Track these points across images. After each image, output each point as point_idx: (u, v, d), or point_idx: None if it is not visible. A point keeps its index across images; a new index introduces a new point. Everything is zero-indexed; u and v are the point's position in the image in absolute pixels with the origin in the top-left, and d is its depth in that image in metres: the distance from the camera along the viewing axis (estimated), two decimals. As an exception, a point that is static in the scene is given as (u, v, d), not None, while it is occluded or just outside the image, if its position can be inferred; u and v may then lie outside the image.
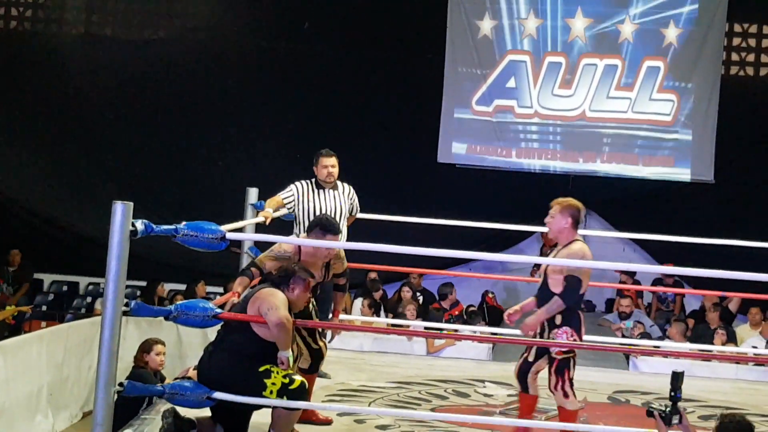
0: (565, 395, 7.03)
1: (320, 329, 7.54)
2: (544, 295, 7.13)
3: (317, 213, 8.86)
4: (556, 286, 7.03)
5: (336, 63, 16.54)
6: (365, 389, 8.58)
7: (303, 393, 6.72)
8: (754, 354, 11.54)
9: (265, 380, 6.63)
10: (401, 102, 16.32)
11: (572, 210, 7.14)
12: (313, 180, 9.13)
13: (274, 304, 6.63)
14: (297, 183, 9.12)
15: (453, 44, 16.47)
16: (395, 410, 6.98)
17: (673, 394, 5.84)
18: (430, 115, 16.38)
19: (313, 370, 7.62)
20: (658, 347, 11.80)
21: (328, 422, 7.52)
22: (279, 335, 6.62)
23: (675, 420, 5.76)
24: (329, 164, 9.10)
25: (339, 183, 9.14)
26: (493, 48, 16.46)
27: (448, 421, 7.81)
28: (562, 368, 7.03)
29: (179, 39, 16.81)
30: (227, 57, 16.70)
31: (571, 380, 7.07)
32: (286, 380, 6.65)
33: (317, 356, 7.58)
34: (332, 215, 8.89)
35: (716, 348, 11.90)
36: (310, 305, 7.41)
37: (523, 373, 7.20)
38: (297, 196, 9.01)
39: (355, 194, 9.20)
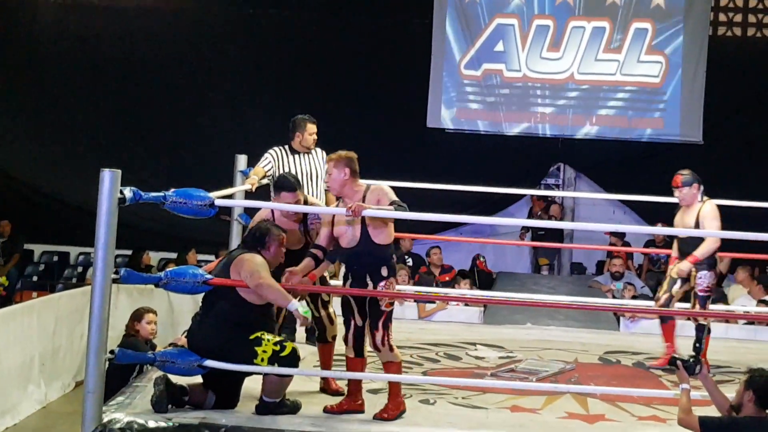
0: (391, 348, 6.95)
1: (325, 298, 7.53)
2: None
3: (298, 175, 8.89)
4: (379, 234, 6.89)
5: (323, 29, 16.49)
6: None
7: (295, 359, 6.74)
8: (744, 312, 11.57)
9: (256, 348, 6.66)
10: (389, 67, 16.28)
11: (346, 161, 6.99)
12: (287, 146, 9.13)
13: (253, 270, 6.66)
14: (271, 150, 9.12)
15: (440, 8, 16.43)
16: (387, 375, 6.99)
17: (697, 345, 5.99)
18: (418, 80, 16.36)
19: (322, 340, 7.62)
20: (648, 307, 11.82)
21: (340, 393, 7.39)
22: (269, 296, 6.65)
23: (698, 369, 5.88)
24: (314, 131, 9.12)
25: (313, 148, 9.18)
26: (481, 12, 16.43)
27: (440, 384, 7.83)
28: (388, 321, 6.93)
29: (164, 6, 16.73)
30: (212, 24, 16.65)
31: (391, 334, 6.96)
32: (277, 347, 6.68)
33: (320, 325, 7.58)
34: (310, 179, 8.96)
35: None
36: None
37: (358, 337, 7.05)
38: (275, 162, 9.03)
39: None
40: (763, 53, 16.37)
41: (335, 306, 7.55)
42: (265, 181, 9.10)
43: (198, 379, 6.85)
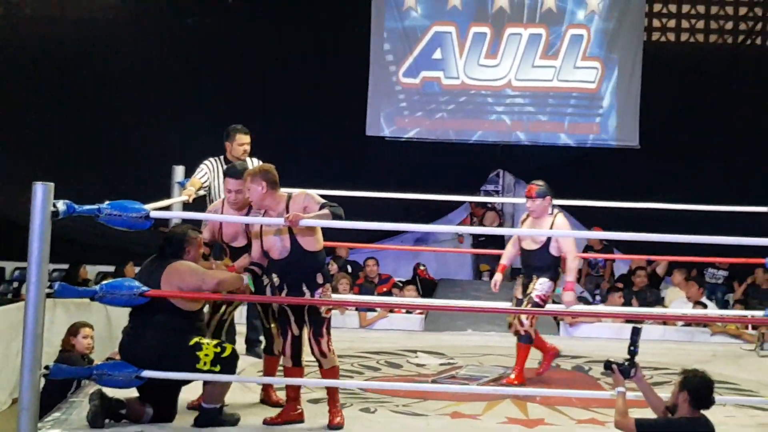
0: (333, 353, 7.04)
1: (274, 312, 7.48)
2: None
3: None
4: (310, 243, 6.94)
5: (262, 38, 16.43)
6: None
7: (235, 359, 6.78)
8: (683, 314, 11.70)
9: (198, 353, 6.67)
10: (328, 76, 16.25)
11: (262, 173, 7.00)
12: (222, 157, 9.10)
13: (198, 275, 6.71)
14: (206, 161, 9.09)
15: (378, 17, 16.46)
16: (327, 380, 6.99)
17: (631, 348, 6.03)
18: (357, 88, 16.36)
19: (269, 352, 7.61)
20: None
21: (281, 405, 7.37)
22: (229, 287, 6.85)
23: (632, 372, 5.93)
24: (246, 141, 9.07)
25: (248, 158, 9.14)
26: (419, 20, 16.47)
27: (380, 390, 7.85)
28: (329, 328, 7.01)
29: (99, 16, 16.60)
30: (151, 34, 16.53)
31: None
32: (218, 349, 6.71)
33: (269, 338, 7.58)
34: None
35: (645, 310, 12.06)
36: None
37: (295, 346, 7.10)
38: (210, 174, 9.00)
39: None
40: (696, 58, 16.56)
41: None
42: (202, 192, 9.06)
43: (135, 393, 6.81)
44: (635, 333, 6.07)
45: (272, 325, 7.52)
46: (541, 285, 8.61)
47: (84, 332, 9.37)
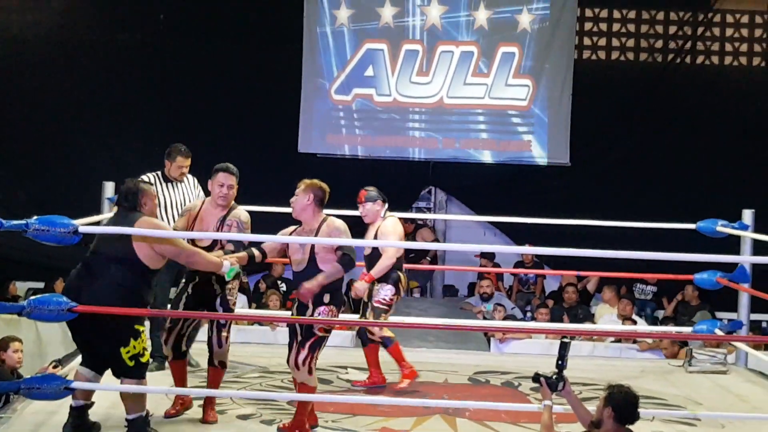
0: (310, 371, 7.12)
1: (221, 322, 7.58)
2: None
3: (167, 207, 8.90)
4: (326, 263, 7.14)
5: (193, 55, 16.38)
6: (227, 380, 8.55)
7: (145, 370, 6.81)
8: (612, 330, 11.81)
9: (132, 338, 6.68)
10: (260, 93, 16.23)
11: (315, 188, 7.36)
12: (161, 173, 9.09)
13: (172, 241, 6.80)
14: (144, 177, 9.03)
15: (310, 34, 16.46)
16: (252, 392, 7.02)
17: (559, 362, 6.06)
18: (289, 105, 16.35)
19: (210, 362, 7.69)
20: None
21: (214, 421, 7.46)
22: (200, 265, 7.07)
23: (560, 386, 5.97)
24: (185, 165, 9.10)
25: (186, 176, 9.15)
26: (351, 37, 16.51)
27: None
28: (316, 345, 7.11)
29: (30, 32, 16.43)
30: (81, 50, 16.39)
31: (317, 358, 7.16)
32: (143, 351, 6.75)
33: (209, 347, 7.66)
34: (177, 208, 8.92)
35: (572, 326, 12.17)
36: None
37: None
38: None
39: (199, 186, 9.18)
40: (626, 76, 16.73)
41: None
42: None
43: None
44: (563, 347, 6.11)
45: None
46: (383, 291, 8.75)
47: (14, 346, 9.27)
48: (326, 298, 7.16)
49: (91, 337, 6.77)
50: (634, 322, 12.73)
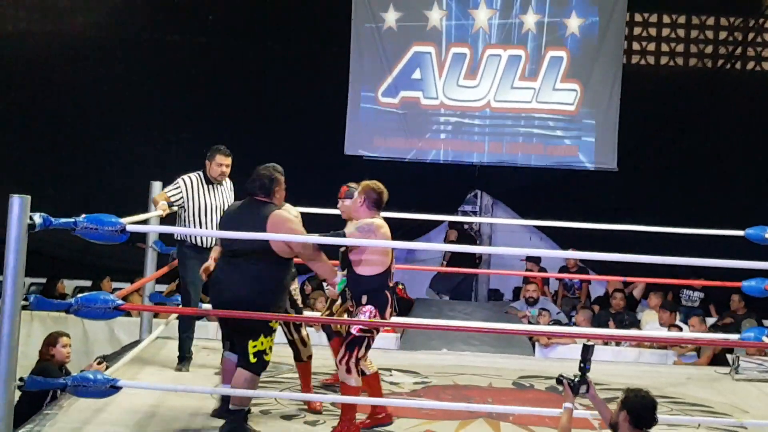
0: (348, 371, 7.14)
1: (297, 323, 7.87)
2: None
3: (207, 208, 8.94)
4: (358, 265, 7.24)
5: (241, 56, 16.46)
6: (270, 380, 8.58)
7: (264, 367, 6.96)
8: (651, 336, 11.73)
9: (262, 335, 6.87)
10: (308, 95, 16.27)
11: (368, 191, 7.38)
12: (202, 174, 9.11)
13: (304, 244, 6.91)
14: (185, 177, 9.08)
15: (358, 36, 16.49)
16: (299, 394, 7.06)
17: (582, 365, 6.03)
18: (336, 107, 16.38)
19: (298, 360, 8.03)
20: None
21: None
22: (319, 269, 7.17)
23: (582, 390, 5.94)
24: (225, 163, 9.12)
25: (226, 179, 9.20)
26: (398, 39, 16.52)
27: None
28: (353, 344, 7.14)
29: (82, 33, 16.59)
30: (130, 51, 16.52)
31: (358, 358, 7.17)
32: (269, 351, 6.93)
33: (294, 348, 7.97)
34: (215, 211, 8.97)
35: (618, 332, 12.10)
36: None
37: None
38: (185, 191, 8.97)
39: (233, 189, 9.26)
40: (675, 81, 16.64)
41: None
42: (174, 208, 9.03)
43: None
44: (586, 350, 6.09)
45: (295, 336, 7.90)
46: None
47: (63, 341, 9.32)
48: (364, 299, 7.17)
49: (232, 326, 7.01)
50: (680, 329, 12.63)
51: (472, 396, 8.61)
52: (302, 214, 8.05)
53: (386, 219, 7.48)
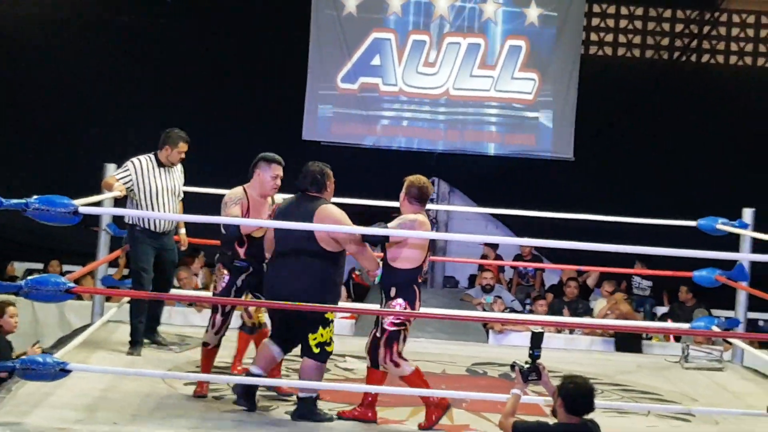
0: (396, 365, 7.20)
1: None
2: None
3: (159, 192, 8.87)
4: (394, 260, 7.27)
5: (199, 39, 16.38)
6: (226, 364, 8.56)
7: (329, 355, 7.15)
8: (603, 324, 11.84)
9: (321, 326, 7.03)
10: (266, 79, 16.22)
11: (409, 186, 7.43)
12: (154, 157, 9.03)
13: (351, 236, 7.02)
14: (135, 160, 8.97)
15: (318, 22, 16.44)
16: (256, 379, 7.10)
17: (531, 352, 6.07)
18: (295, 92, 16.33)
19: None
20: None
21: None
22: (365, 261, 7.22)
23: (533, 377, 5.98)
24: (185, 150, 9.06)
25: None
26: (358, 26, 16.49)
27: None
28: (391, 340, 7.19)
29: (36, 12, 16.42)
30: (84, 31, 16.36)
31: (399, 353, 7.22)
32: (330, 341, 7.11)
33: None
34: (170, 194, 8.93)
35: (571, 319, 12.18)
36: None
37: (374, 348, 7.29)
38: (135, 174, 8.89)
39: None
40: (631, 73, 16.74)
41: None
42: (124, 193, 8.95)
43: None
44: (535, 338, 6.13)
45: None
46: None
47: (10, 311, 9.20)
48: (393, 291, 7.23)
49: (288, 319, 7.11)
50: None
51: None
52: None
53: (341, 205, 7.46)
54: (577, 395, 5.67)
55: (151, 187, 8.88)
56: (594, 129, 16.29)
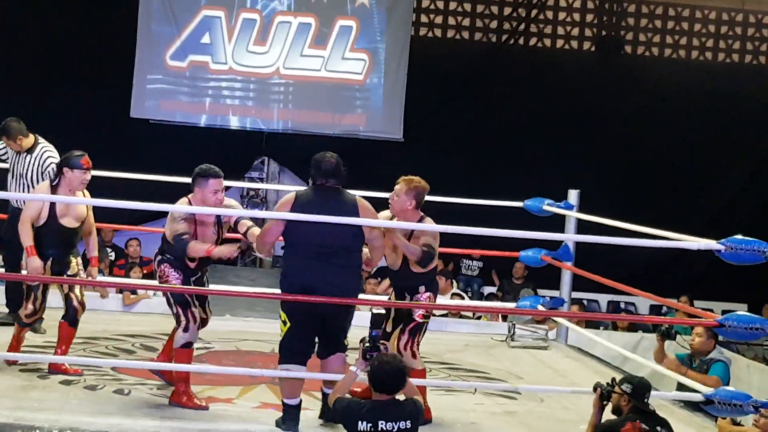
0: (414, 356, 7.18)
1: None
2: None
3: (11, 175, 8.79)
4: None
5: (28, 14, 15.97)
6: (51, 345, 8.38)
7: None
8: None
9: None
10: (94, 55, 15.91)
11: (415, 192, 7.23)
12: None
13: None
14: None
15: (146, -2, 16.22)
16: (79, 358, 6.95)
17: (373, 333, 6.24)
18: (123, 69, 16.07)
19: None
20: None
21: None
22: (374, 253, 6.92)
23: (369, 356, 6.03)
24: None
25: (38, 145, 8.94)
26: (188, 3, 16.31)
27: (134, 372, 7.77)
28: (416, 330, 7.19)
29: None
30: None
31: (419, 343, 7.24)
32: None
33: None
34: (19, 179, 8.77)
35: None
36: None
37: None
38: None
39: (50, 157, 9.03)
40: (461, 54, 16.97)
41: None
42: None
43: None
44: (374, 319, 6.24)
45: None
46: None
47: None
48: (422, 288, 7.19)
49: (337, 319, 6.73)
50: (462, 297, 12.92)
51: (255, 362, 8.59)
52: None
53: (172, 184, 7.38)
54: (383, 375, 5.70)
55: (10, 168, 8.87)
56: (424, 110, 16.46)
